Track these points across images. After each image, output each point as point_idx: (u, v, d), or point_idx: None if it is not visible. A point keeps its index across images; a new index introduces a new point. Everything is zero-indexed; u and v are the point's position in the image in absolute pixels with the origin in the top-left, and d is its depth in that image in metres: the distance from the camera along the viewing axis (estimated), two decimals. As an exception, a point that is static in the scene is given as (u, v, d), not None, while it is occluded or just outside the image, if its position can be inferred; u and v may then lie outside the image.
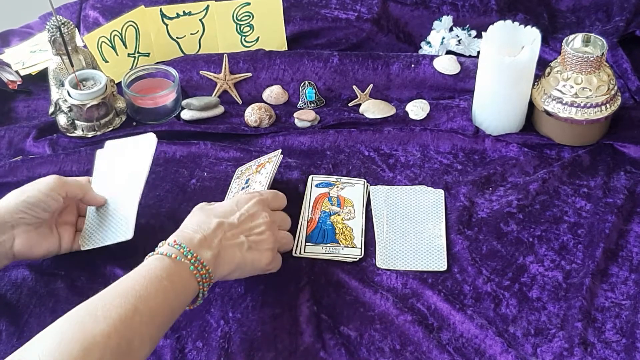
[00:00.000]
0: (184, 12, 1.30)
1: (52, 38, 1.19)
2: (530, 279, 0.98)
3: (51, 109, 1.22)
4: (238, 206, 0.93)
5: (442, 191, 1.09)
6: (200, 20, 1.31)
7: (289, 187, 1.10)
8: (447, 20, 1.37)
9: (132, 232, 0.97)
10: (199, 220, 0.90)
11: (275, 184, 1.05)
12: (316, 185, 1.10)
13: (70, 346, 0.71)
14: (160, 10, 1.29)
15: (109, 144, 1.09)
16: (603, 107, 1.14)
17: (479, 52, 1.27)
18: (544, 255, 1.01)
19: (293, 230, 1.02)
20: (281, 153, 1.08)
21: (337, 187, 1.09)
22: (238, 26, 1.32)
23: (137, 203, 0.99)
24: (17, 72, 1.34)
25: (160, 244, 0.87)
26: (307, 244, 1.01)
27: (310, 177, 1.11)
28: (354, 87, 1.28)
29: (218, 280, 0.89)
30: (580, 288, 0.96)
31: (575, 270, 0.99)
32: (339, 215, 1.05)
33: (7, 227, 0.92)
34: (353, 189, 1.09)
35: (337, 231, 1.03)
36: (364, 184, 1.10)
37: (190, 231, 0.88)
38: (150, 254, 0.86)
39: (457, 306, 0.94)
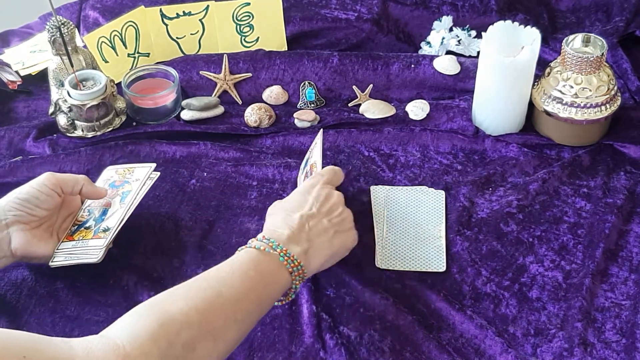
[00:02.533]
0: (184, 12, 1.30)
1: (52, 38, 1.19)
2: (530, 279, 0.98)
3: (51, 109, 1.22)
4: (310, 194, 0.94)
5: (442, 192, 1.09)
6: (200, 20, 1.31)
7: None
8: (447, 20, 1.37)
9: (102, 256, 0.94)
10: (282, 218, 0.90)
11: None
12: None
13: (148, 321, 0.72)
14: (160, 10, 1.29)
15: (111, 168, 1.08)
16: (603, 107, 1.14)
17: (478, 53, 1.27)
18: (544, 255, 1.01)
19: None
20: (323, 129, 1.09)
21: None
22: (238, 26, 1.32)
23: (115, 228, 0.97)
24: (17, 72, 1.34)
25: (250, 241, 0.87)
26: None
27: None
28: (354, 87, 1.28)
29: (314, 273, 0.90)
30: (580, 288, 0.96)
31: (575, 270, 0.99)
32: None
33: (2, 225, 0.92)
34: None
35: None
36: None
37: (277, 229, 0.88)
38: (240, 248, 0.86)
39: (456, 306, 0.94)
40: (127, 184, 1.03)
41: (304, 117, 1.23)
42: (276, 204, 0.94)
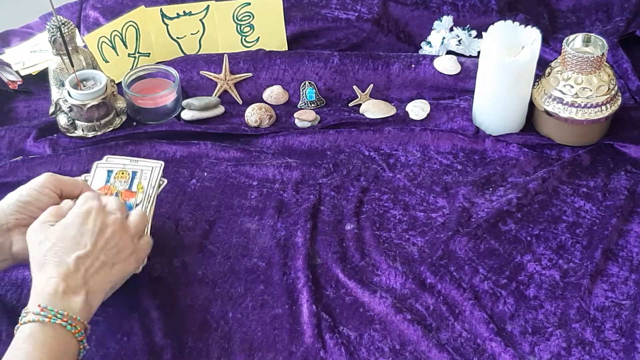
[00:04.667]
0: (184, 12, 1.30)
1: (53, 38, 1.19)
2: (527, 278, 0.98)
3: (51, 109, 1.22)
4: (85, 226, 0.84)
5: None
6: (200, 20, 1.31)
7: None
8: (447, 20, 1.37)
9: (141, 268, 0.93)
10: (55, 263, 0.81)
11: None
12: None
13: None
14: (161, 10, 1.29)
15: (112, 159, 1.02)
16: (603, 107, 1.14)
17: (479, 52, 1.27)
18: (542, 254, 1.01)
19: None
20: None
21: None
22: (238, 26, 1.32)
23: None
24: (17, 72, 1.34)
25: (24, 311, 0.79)
26: None
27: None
28: (354, 87, 1.28)
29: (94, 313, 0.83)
30: (578, 287, 0.96)
31: (572, 269, 0.99)
32: None
33: (3, 229, 0.89)
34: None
35: None
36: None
37: (48, 282, 0.79)
38: (17, 325, 0.79)
39: (455, 305, 0.94)
40: (130, 191, 0.98)
41: (304, 117, 1.23)
42: (46, 230, 0.84)
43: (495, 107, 1.18)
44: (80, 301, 0.80)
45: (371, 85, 1.28)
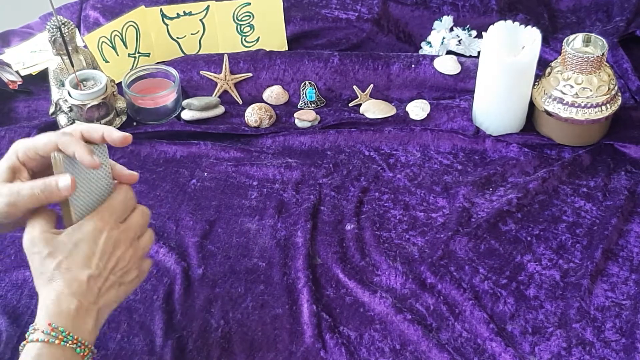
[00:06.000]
0: (184, 12, 1.30)
1: (53, 38, 1.19)
2: (527, 278, 0.98)
3: (52, 109, 1.22)
4: (97, 244, 0.78)
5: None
6: (200, 20, 1.31)
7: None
8: (447, 20, 1.37)
9: None
10: (67, 280, 0.76)
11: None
12: None
13: None
14: (161, 10, 1.29)
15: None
16: (603, 107, 1.14)
17: (479, 52, 1.27)
18: (542, 254, 1.01)
19: None
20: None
21: None
22: (238, 26, 1.32)
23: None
24: (17, 72, 1.34)
25: (32, 327, 0.75)
26: None
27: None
28: (355, 87, 1.28)
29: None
30: (578, 287, 0.96)
31: (572, 269, 0.99)
32: None
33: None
34: None
35: None
36: None
37: (61, 300, 0.75)
38: (23, 343, 0.74)
39: (455, 305, 0.94)
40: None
41: (304, 117, 1.23)
42: (50, 243, 0.76)
43: (495, 107, 1.18)
44: (92, 323, 0.77)
45: (371, 85, 1.28)
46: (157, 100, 1.23)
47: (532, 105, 1.19)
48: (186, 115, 1.24)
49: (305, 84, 1.28)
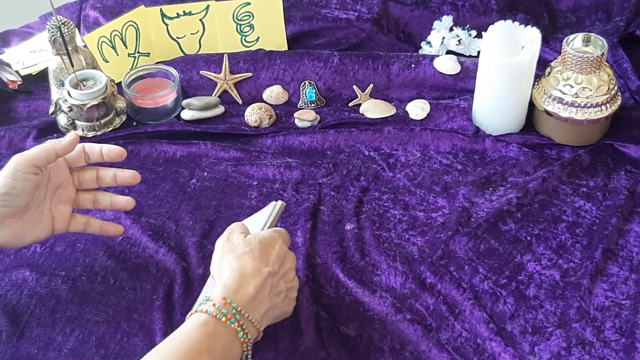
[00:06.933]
0: (184, 12, 1.30)
1: (52, 38, 1.19)
2: (527, 278, 0.98)
3: (51, 109, 1.22)
4: (273, 249, 0.86)
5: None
6: (200, 20, 1.31)
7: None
8: (447, 20, 1.37)
9: None
10: (251, 268, 0.82)
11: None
12: None
13: None
14: (161, 10, 1.29)
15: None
16: (603, 107, 1.14)
17: (479, 52, 1.27)
18: (542, 254, 1.01)
19: None
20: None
21: None
22: (238, 26, 1.32)
23: None
24: (17, 72, 1.34)
25: (204, 299, 0.79)
26: None
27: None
28: (354, 87, 1.28)
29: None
30: (578, 287, 0.96)
31: (572, 269, 0.99)
32: None
33: None
34: None
35: None
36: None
37: (243, 283, 0.80)
38: (191, 311, 0.79)
39: (455, 305, 0.94)
40: None
41: (304, 117, 1.23)
42: (240, 238, 0.86)
43: (495, 107, 1.18)
44: (262, 312, 0.81)
45: (371, 85, 1.28)
46: (157, 100, 1.23)
47: (531, 105, 1.19)
48: (186, 115, 1.24)
49: (305, 83, 1.28)
